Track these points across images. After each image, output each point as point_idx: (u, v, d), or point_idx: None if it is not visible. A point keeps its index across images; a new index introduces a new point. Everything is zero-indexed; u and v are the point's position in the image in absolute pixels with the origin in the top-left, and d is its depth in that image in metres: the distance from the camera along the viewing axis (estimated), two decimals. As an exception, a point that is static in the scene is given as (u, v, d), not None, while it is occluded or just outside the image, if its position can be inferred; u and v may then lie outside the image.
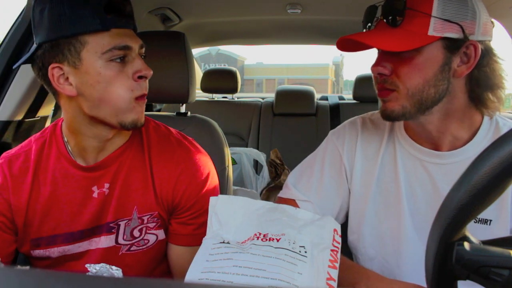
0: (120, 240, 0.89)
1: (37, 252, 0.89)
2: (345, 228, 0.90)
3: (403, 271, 0.85)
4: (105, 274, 0.70)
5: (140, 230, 0.90)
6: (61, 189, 0.88)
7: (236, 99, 2.90)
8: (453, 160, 0.82)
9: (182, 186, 0.90)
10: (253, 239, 0.67)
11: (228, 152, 1.28)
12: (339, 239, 0.69)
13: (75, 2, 0.77)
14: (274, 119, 2.66)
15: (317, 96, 2.91)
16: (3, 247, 0.87)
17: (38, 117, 1.38)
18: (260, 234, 0.68)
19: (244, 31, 2.43)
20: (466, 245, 0.47)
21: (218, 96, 2.92)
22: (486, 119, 0.83)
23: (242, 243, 0.67)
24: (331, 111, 2.69)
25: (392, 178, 0.87)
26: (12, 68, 1.24)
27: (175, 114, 1.35)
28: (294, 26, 2.27)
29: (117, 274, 0.71)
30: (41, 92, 1.30)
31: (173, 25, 1.98)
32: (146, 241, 0.91)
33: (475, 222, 0.79)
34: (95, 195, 0.88)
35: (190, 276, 0.63)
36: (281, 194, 0.96)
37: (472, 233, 0.49)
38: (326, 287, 0.61)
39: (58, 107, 1.46)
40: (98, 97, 0.80)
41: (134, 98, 0.82)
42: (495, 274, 0.46)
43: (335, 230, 0.70)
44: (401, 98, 0.79)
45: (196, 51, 4.49)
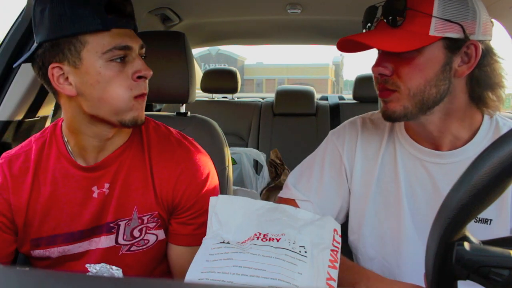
0: (120, 240, 0.89)
1: (37, 252, 0.89)
2: (345, 228, 0.90)
3: (403, 271, 0.85)
4: (105, 274, 0.70)
5: (140, 230, 0.90)
6: (61, 189, 0.88)
7: (236, 99, 2.90)
8: (453, 160, 0.82)
9: (182, 186, 0.90)
10: (253, 239, 0.67)
11: (228, 152, 1.28)
12: (339, 239, 0.69)
13: (76, 1, 0.77)
14: (274, 119, 2.66)
15: (317, 96, 2.91)
16: (3, 247, 0.87)
17: (38, 117, 1.38)
18: (260, 234, 0.68)
19: (244, 31, 2.43)
20: (466, 245, 0.47)
21: (218, 96, 2.92)
22: (486, 118, 0.83)
23: (242, 243, 0.67)
24: (331, 111, 2.69)
25: (392, 178, 0.87)
26: (12, 68, 1.24)
27: (175, 114, 1.35)
28: (294, 26, 2.27)
29: (117, 274, 0.71)
30: (41, 92, 1.30)
31: (173, 25, 1.98)
32: (146, 241, 0.91)
33: (475, 221, 0.79)
34: (95, 195, 0.88)
35: (190, 276, 0.63)
36: (281, 194, 0.96)
37: (472, 232, 0.49)
38: (326, 287, 0.61)
39: (58, 107, 1.46)
40: (98, 96, 0.80)
41: (133, 97, 0.82)
42: (495, 274, 0.46)
43: (335, 230, 0.70)
44: (402, 98, 0.78)
45: (196, 51, 4.49)
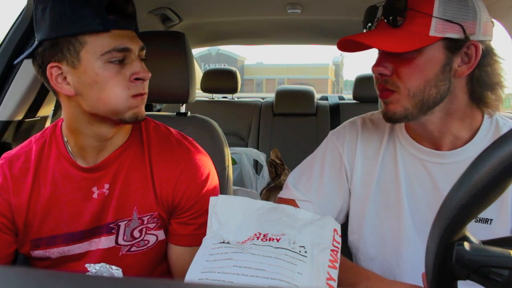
0: (120, 241, 0.89)
1: (37, 253, 0.89)
2: (344, 228, 0.90)
3: (403, 271, 0.85)
4: (105, 274, 0.70)
5: (140, 231, 0.90)
6: (61, 189, 0.88)
7: (236, 99, 2.90)
8: (453, 159, 0.82)
9: (182, 186, 0.90)
10: (253, 239, 0.67)
11: (228, 152, 1.28)
12: (339, 239, 0.69)
13: (77, 1, 0.77)
14: (274, 119, 2.65)
15: (317, 96, 2.91)
16: (2, 248, 0.87)
17: (38, 117, 1.38)
18: (260, 234, 0.68)
19: (244, 31, 2.43)
20: (466, 245, 0.47)
21: (218, 96, 2.92)
22: (486, 118, 0.83)
23: (242, 243, 0.67)
24: (331, 111, 2.69)
25: (392, 178, 0.87)
26: (12, 67, 1.24)
27: (175, 114, 1.35)
28: (294, 26, 2.27)
29: (117, 274, 0.71)
30: (41, 92, 1.30)
31: (173, 25, 1.98)
32: (146, 241, 0.91)
33: (475, 221, 0.79)
34: (95, 195, 0.88)
35: (190, 276, 0.63)
36: (281, 194, 0.96)
37: (473, 232, 0.49)
38: (326, 287, 0.61)
39: (58, 107, 1.46)
40: (96, 96, 0.80)
41: (131, 96, 0.82)
42: (495, 274, 0.46)
43: (335, 230, 0.70)
44: (402, 99, 0.78)
45: (196, 51, 4.49)
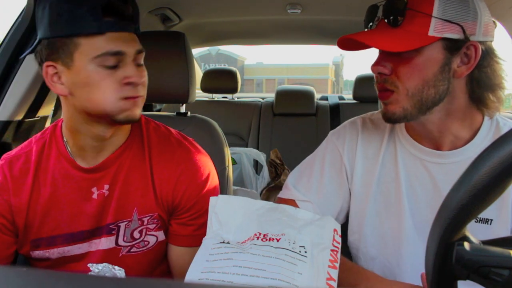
0: (120, 242, 0.89)
1: (36, 253, 0.89)
2: (345, 228, 0.90)
3: (404, 271, 0.85)
4: (107, 274, 0.70)
5: (140, 232, 0.90)
6: (60, 189, 0.88)
7: (236, 99, 2.90)
8: (454, 159, 0.82)
9: (182, 187, 0.90)
10: (253, 239, 0.67)
11: (228, 152, 1.28)
12: (339, 239, 0.69)
13: (74, 2, 0.77)
14: (274, 119, 2.65)
15: (317, 96, 2.91)
16: (2, 248, 0.87)
17: (38, 117, 1.38)
18: (260, 234, 0.68)
19: (244, 31, 2.43)
20: (466, 245, 0.47)
21: (218, 96, 2.92)
22: (486, 119, 0.83)
23: (242, 243, 0.67)
24: (331, 111, 2.69)
25: (392, 178, 0.87)
26: (12, 68, 1.24)
27: (175, 114, 1.35)
28: (294, 26, 2.27)
29: (119, 274, 0.71)
30: (41, 92, 1.30)
31: (173, 25, 1.98)
32: (146, 242, 0.91)
33: (475, 221, 0.79)
34: (95, 196, 0.88)
35: (190, 276, 0.63)
36: (281, 194, 0.96)
37: (473, 232, 0.49)
38: (326, 287, 0.61)
39: (58, 107, 1.46)
40: (86, 97, 0.80)
41: (122, 98, 0.80)
42: (495, 274, 0.46)
43: (335, 230, 0.70)
44: (401, 100, 0.78)
45: (196, 51, 4.49)
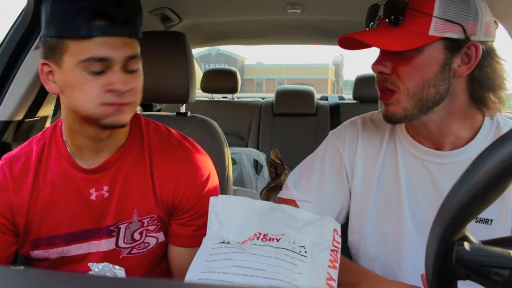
0: (121, 243, 0.89)
1: (36, 253, 0.89)
2: (345, 228, 0.90)
3: (404, 271, 0.85)
4: (107, 273, 0.70)
5: (141, 233, 0.90)
6: (60, 189, 0.88)
7: (236, 99, 2.90)
8: (454, 160, 0.82)
9: (182, 187, 0.90)
10: (253, 239, 0.67)
11: (228, 152, 1.28)
12: (339, 239, 0.69)
13: (67, 5, 0.77)
14: (274, 119, 2.65)
15: (317, 96, 2.91)
16: (3, 248, 0.87)
17: (38, 117, 1.38)
18: (260, 234, 0.68)
19: (244, 31, 2.43)
20: (466, 245, 0.47)
21: (218, 96, 2.92)
22: (487, 119, 0.83)
23: (242, 243, 0.67)
24: (331, 111, 2.69)
25: (393, 178, 0.87)
26: (12, 67, 1.24)
27: (175, 114, 1.35)
28: (294, 26, 2.27)
29: (119, 273, 0.71)
30: (41, 92, 1.30)
31: (173, 25, 1.98)
32: (147, 244, 0.91)
33: (476, 221, 0.79)
34: (93, 197, 0.87)
35: (190, 276, 0.63)
36: (280, 194, 0.96)
37: (473, 233, 0.49)
38: (326, 287, 0.61)
39: (58, 107, 1.46)
40: (71, 99, 0.81)
41: (102, 104, 0.78)
42: (495, 274, 0.46)
43: (335, 230, 0.70)
44: (402, 100, 0.78)
45: (196, 51, 4.49)
